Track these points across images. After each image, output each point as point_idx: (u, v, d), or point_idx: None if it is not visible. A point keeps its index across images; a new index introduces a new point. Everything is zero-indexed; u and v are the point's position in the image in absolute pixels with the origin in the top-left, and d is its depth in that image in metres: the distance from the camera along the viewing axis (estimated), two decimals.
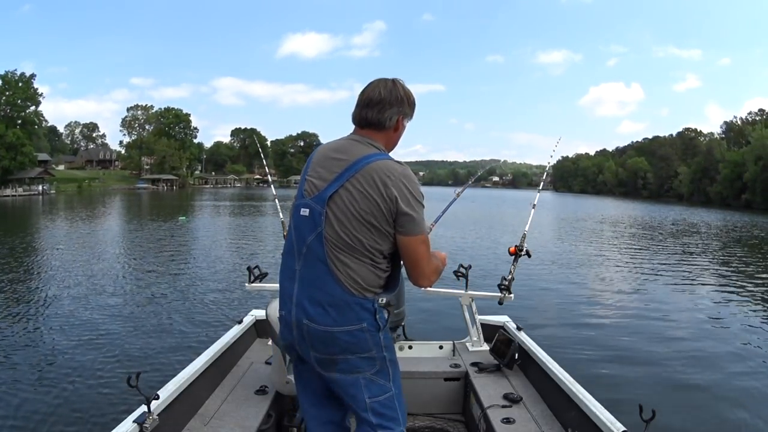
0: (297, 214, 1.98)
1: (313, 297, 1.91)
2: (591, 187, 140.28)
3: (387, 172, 1.89)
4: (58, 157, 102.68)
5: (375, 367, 1.97)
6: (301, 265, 1.94)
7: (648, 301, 10.84)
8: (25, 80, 69.62)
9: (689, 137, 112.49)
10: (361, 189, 1.88)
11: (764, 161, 69.85)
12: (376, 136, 2.01)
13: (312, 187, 1.95)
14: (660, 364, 6.89)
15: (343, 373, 1.96)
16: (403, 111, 2.03)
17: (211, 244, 19.70)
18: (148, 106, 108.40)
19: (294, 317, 1.95)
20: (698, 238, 26.89)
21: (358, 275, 1.90)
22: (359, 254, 1.90)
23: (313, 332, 1.92)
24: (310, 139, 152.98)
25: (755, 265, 17.77)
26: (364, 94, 2.02)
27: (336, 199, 1.90)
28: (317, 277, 1.91)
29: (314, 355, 1.96)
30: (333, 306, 1.89)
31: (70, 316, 8.92)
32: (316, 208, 1.92)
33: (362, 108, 2.00)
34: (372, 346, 1.95)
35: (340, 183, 1.90)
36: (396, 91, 2.00)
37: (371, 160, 1.91)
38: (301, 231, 1.95)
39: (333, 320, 1.89)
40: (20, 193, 59.91)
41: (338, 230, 1.89)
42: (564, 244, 20.98)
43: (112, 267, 14.04)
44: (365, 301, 1.91)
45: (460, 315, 3.91)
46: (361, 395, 1.97)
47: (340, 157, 1.95)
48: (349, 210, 1.88)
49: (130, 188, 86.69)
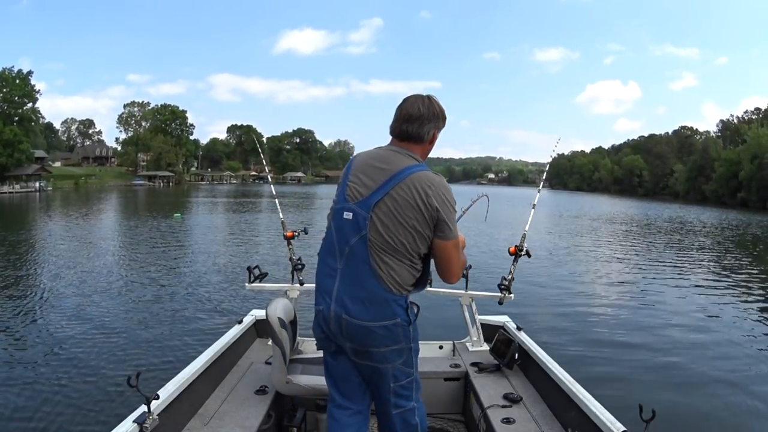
0: (339, 217, 2.16)
1: (353, 294, 2.10)
2: (587, 184, 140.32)
3: (428, 182, 2.09)
4: (54, 153, 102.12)
5: (403, 357, 2.19)
6: (343, 264, 2.13)
7: (647, 301, 10.86)
8: (22, 77, 69.22)
9: (685, 135, 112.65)
10: (406, 197, 2.07)
11: (760, 160, 70.02)
12: (414, 148, 2.20)
13: (355, 193, 2.13)
14: (660, 364, 6.89)
15: (376, 362, 2.17)
16: (438, 125, 2.23)
17: (210, 242, 19.69)
18: (144, 103, 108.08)
19: (333, 312, 2.13)
20: (695, 237, 27.03)
21: (398, 275, 2.10)
22: (401, 256, 2.10)
23: (352, 326, 2.11)
24: (305, 135, 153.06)
25: (753, 265, 17.85)
26: (403, 110, 2.19)
27: (381, 205, 2.08)
28: (359, 275, 2.09)
29: (350, 346, 2.17)
30: (372, 302, 2.09)
31: (70, 316, 8.91)
32: (360, 213, 2.10)
33: (402, 122, 2.18)
34: (402, 339, 2.16)
35: (384, 191, 2.09)
36: (432, 107, 2.19)
37: (413, 171, 2.10)
38: (345, 233, 2.13)
39: (371, 316, 2.09)
40: (17, 190, 59.66)
41: (383, 234, 2.08)
42: (563, 243, 21.01)
43: (112, 265, 14.02)
44: (400, 298, 2.12)
45: (460, 315, 3.91)
46: (388, 382, 2.21)
47: (383, 166, 2.13)
48: (394, 216, 2.07)
49: (127, 185, 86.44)
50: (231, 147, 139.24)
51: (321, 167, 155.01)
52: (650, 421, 2.00)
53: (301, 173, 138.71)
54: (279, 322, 2.97)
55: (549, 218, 34.06)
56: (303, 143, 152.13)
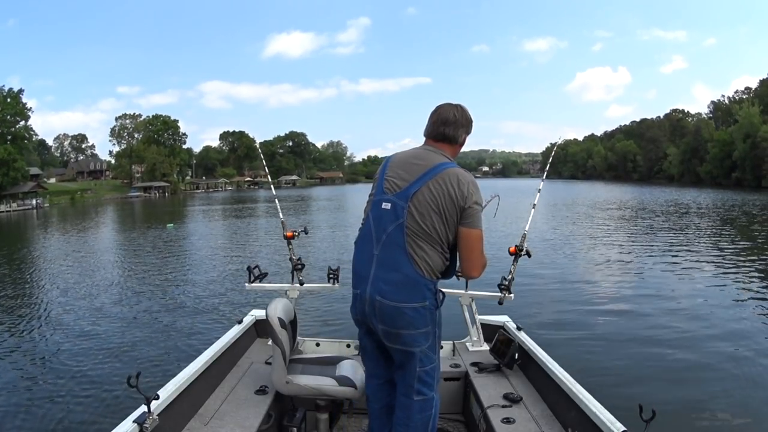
0: (378, 207, 2.41)
1: (388, 278, 2.33)
2: (581, 172, 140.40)
3: (460, 177, 2.36)
4: (48, 170, 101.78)
5: (429, 342, 2.41)
6: (380, 250, 2.36)
7: (649, 296, 10.67)
8: (14, 95, 68.94)
9: (677, 118, 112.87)
10: (440, 188, 2.33)
11: (752, 139, 70.24)
12: (446, 148, 2.49)
13: (393, 186, 2.40)
14: (661, 364, 6.81)
15: (405, 345, 2.38)
16: (468, 130, 2.56)
17: (210, 246, 19.72)
18: (136, 115, 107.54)
19: (368, 294, 2.36)
20: (692, 221, 27.10)
21: (431, 259, 2.33)
22: (434, 242, 2.33)
23: (384, 308, 2.33)
24: (298, 138, 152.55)
25: (753, 248, 17.79)
26: (440, 115, 2.49)
27: (418, 196, 2.34)
28: (395, 260, 2.33)
29: (381, 328, 2.38)
30: (405, 285, 2.31)
31: (72, 316, 9.03)
32: (399, 203, 2.35)
33: (439, 125, 2.48)
34: (429, 322, 2.38)
35: (422, 183, 2.35)
36: (464, 114, 2.52)
37: (447, 166, 2.38)
38: (382, 222, 2.38)
39: (403, 297, 2.31)
40: (14, 208, 59.44)
41: (419, 221, 2.32)
42: (561, 236, 20.72)
43: (112, 270, 14.13)
44: (430, 282, 2.35)
45: (460, 315, 3.90)
46: (414, 366, 2.42)
47: (420, 162, 2.41)
48: (429, 204, 2.32)
49: (123, 197, 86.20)
50: (224, 154, 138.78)
51: (315, 169, 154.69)
52: (650, 421, 2.00)
53: (295, 176, 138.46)
54: (279, 322, 2.97)
55: (546, 209, 33.95)
56: (296, 146, 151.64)
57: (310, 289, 4.06)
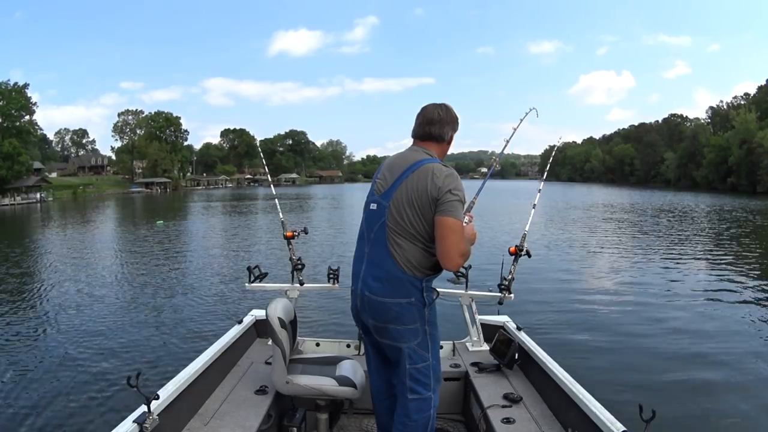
0: (367, 208, 2.54)
1: (375, 274, 2.43)
2: (579, 175, 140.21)
3: (435, 170, 2.40)
4: (50, 164, 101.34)
5: (418, 339, 2.45)
6: (369, 248, 2.49)
7: (648, 296, 10.70)
8: (18, 89, 68.76)
9: (675, 123, 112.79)
10: (414, 183, 2.39)
11: (748, 145, 70.43)
12: (433, 147, 2.56)
13: (380, 187, 2.51)
14: (660, 364, 6.82)
15: (393, 341, 2.46)
16: (454, 128, 2.60)
17: (210, 244, 19.72)
18: (138, 111, 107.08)
19: (359, 290, 2.48)
20: (689, 225, 27.07)
21: (411, 256, 2.38)
22: (413, 237, 2.39)
23: (371, 302, 2.44)
24: (298, 137, 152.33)
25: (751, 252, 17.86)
26: (425, 115, 2.55)
27: (396, 194, 2.43)
28: (380, 257, 2.43)
29: (371, 323, 2.49)
30: (389, 281, 2.40)
31: (72, 316, 9.02)
32: (382, 203, 2.47)
33: (425, 125, 2.55)
34: (417, 319, 2.43)
35: (400, 181, 2.44)
36: (449, 112, 2.58)
37: (424, 162, 2.45)
38: (370, 221, 2.50)
39: (387, 293, 2.40)
40: (18, 201, 59.38)
41: (396, 217, 2.41)
42: (560, 237, 20.69)
43: (113, 269, 14.12)
44: (414, 279, 2.39)
45: (460, 315, 3.90)
46: (404, 362, 2.47)
47: (401, 162, 2.51)
48: (404, 200, 2.40)
49: (125, 192, 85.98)
50: (224, 151, 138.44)
51: (314, 168, 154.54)
52: (650, 421, 2.01)
53: (295, 174, 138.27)
54: (279, 322, 2.96)
55: (545, 210, 33.96)
56: (296, 144, 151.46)
57: (310, 289, 4.07)
